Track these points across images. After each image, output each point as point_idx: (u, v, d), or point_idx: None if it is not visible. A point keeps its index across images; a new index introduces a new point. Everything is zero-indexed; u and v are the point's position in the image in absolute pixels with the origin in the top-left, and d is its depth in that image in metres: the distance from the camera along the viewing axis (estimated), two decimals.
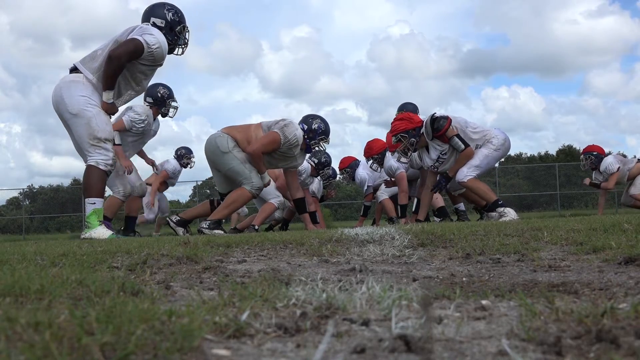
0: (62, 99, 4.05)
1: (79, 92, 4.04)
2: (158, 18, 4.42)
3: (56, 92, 4.11)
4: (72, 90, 4.04)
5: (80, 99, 4.03)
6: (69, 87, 4.06)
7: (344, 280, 1.29)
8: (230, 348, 0.71)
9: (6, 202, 29.26)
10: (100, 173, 4.07)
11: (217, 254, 2.11)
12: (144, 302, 0.91)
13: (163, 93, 5.67)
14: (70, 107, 4.03)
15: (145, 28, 4.18)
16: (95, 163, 4.05)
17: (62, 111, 4.11)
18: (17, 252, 2.24)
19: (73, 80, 4.09)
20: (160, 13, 4.45)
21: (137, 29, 4.16)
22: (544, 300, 0.94)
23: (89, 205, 4.09)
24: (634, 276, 1.26)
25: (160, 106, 5.67)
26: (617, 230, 2.27)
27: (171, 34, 4.41)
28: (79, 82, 4.08)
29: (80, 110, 4.02)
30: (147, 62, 4.18)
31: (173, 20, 4.46)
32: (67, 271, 1.38)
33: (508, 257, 1.77)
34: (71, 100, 4.03)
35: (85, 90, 4.06)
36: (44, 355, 0.59)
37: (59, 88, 4.09)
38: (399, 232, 2.77)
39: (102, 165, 4.07)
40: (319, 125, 5.42)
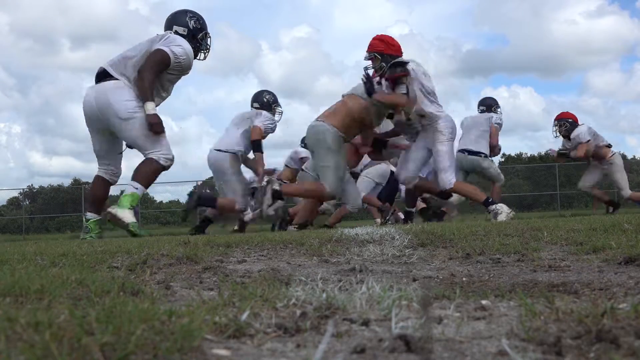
0: (110, 105, 4.15)
1: (125, 97, 4.16)
2: (181, 26, 4.52)
3: (101, 99, 4.18)
4: (118, 96, 4.16)
5: (127, 103, 4.16)
6: (114, 93, 4.17)
7: (344, 280, 1.29)
8: (230, 348, 0.71)
9: (6, 202, 29.28)
10: (157, 167, 4.22)
11: (217, 254, 2.11)
12: (144, 302, 0.91)
13: (268, 98, 5.99)
14: (121, 113, 4.14)
15: (172, 39, 4.27)
16: (157, 158, 4.21)
17: (109, 116, 4.19)
18: (17, 252, 2.24)
19: (117, 87, 4.20)
20: (183, 21, 4.55)
21: (163, 40, 4.25)
22: (544, 300, 0.94)
23: (131, 187, 4.19)
24: (634, 276, 1.26)
25: (266, 110, 5.93)
26: (617, 230, 2.26)
27: (193, 42, 4.50)
28: (123, 88, 4.20)
29: (130, 114, 4.15)
30: (174, 71, 4.31)
31: (195, 28, 4.56)
32: (67, 271, 1.37)
33: (508, 257, 1.77)
34: (120, 105, 4.14)
35: (130, 94, 4.19)
36: (44, 355, 0.59)
37: (104, 95, 4.17)
38: (399, 232, 2.77)
39: (163, 160, 4.24)
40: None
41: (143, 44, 4.32)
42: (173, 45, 4.20)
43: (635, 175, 29.08)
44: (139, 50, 4.29)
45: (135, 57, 4.25)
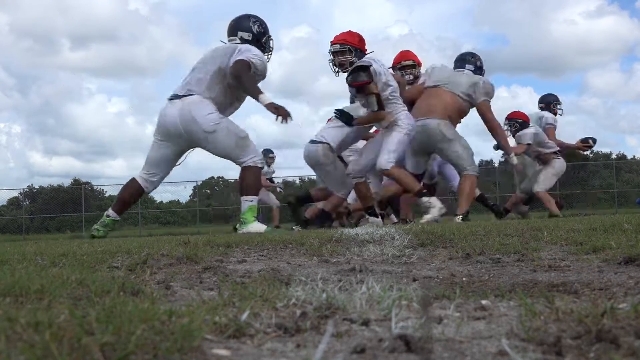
0: (195, 120, 4.23)
1: (208, 111, 4.25)
2: (245, 31, 4.57)
3: (185, 116, 4.26)
4: (201, 111, 4.24)
5: (210, 116, 4.24)
6: (197, 107, 4.25)
7: (344, 280, 1.29)
8: (230, 348, 0.71)
9: (6, 202, 29.30)
10: (256, 171, 4.33)
11: (217, 254, 2.11)
12: (144, 302, 0.91)
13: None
14: (206, 126, 4.23)
15: (245, 49, 4.30)
16: (253, 163, 4.30)
17: (194, 132, 4.28)
18: (17, 252, 2.24)
19: (199, 101, 4.28)
20: (247, 26, 4.59)
21: (237, 53, 4.27)
22: (544, 300, 0.94)
23: (245, 202, 4.28)
24: (634, 276, 1.26)
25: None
26: (617, 230, 2.27)
27: (258, 45, 4.53)
28: (204, 102, 4.28)
29: (215, 126, 4.24)
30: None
31: (259, 32, 4.61)
32: (67, 271, 1.37)
33: (508, 257, 1.77)
34: (204, 119, 4.23)
35: (211, 107, 4.28)
36: (44, 355, 0.59)
37: (187, 112, 4.25)
38: (399, 232, 2.77)
39: (259, 163, 4.35)
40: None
41: (210, 59, 4.38)
42: (249, 54, 4.26)
43: (635, 175, 29.09)
44: (208, 67, 4.36)
45: (208, 74, 4.33)
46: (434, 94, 5.38)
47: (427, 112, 5.29)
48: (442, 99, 5.34)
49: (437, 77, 5.47)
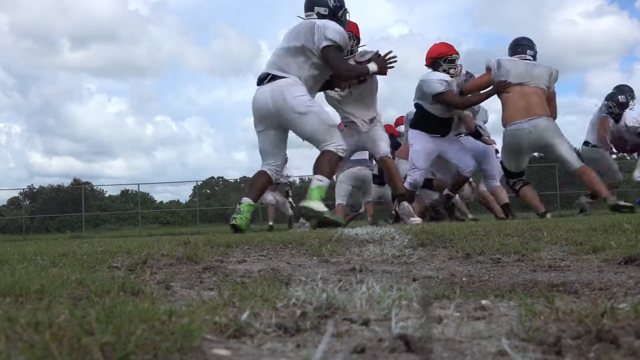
0: (286, 102, 4.27)
1: (299, 92, 4.28)
2: (322, 7, 4.56)
3: (277, 97, 4.31)
4: (293, 92, 4.28)
5: (302, 98, 4.27)
6: (289, 90, 4.29)
7: (344, 280, 1.29)
8: (230, 348, 0.71)
9: (6, 202, 29.31)
10: (336, 158, 4.34)
11: (217, 254, 2.11)
12: (144, 302, 0.91)
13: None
14: (298, 107, 4.26)
15: (324, 27, 4.31)
16: (335, 149, 4.30)
17: (285, 112, 4.31)
18: (17, 252, 2.24)
19: (290, 84, 4.31)
20: (324, 1, 4.57)
21: (318, 34, 4.30)
22: (544, 300, 0.94)
23: (316, 180, 4.30)
24: (634, 276, 1.26)
25: None
26: (617, 230, 2.26)
27: (334, 20, 4.53)
28: (296, 84, 4.32)
29: (307, 108, 4.27)
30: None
31: (335, 7, 4.59)
32: (67, 271, 1.37)
33: (508, 257, 1.77)
34: (295, 101, 4.26)
35: (303, 89, 4.32)
36: (44, 355, 0.59)
37: (280, 93, 4.29)
38: (399, 232, 2.77)
39: (341, 152, 4.35)
40: None
41: (293, 39, 4.39)
42: (329, 32, 4.29)
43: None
44: (293, 47, 4.38)
45: (293, 55, 4.37)
46: (526, 93, 5.29)
47: (529, 112, 5.23)
48: (536, 96, 5.28)
49: (516, 74, 5.35)
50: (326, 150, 4.31)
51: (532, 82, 5.27)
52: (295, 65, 4.34)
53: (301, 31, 4.37)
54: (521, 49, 5.54)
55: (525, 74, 5.29)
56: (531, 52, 5.50)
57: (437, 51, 5.54)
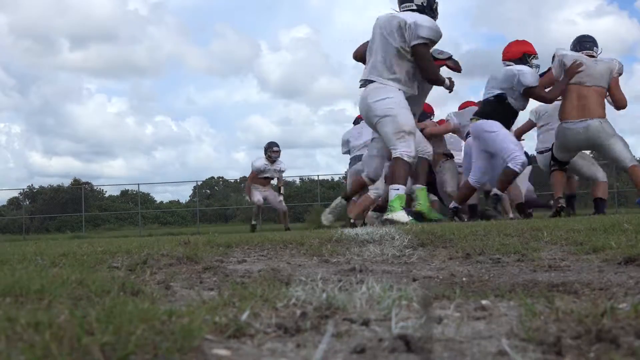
0: (369, 105, 4.48)
1: (382, 96, 4.44)
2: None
3: (363, 102, 4.55)
4: (375, 96, 4.46)
5: (385, 101, 4.43)
6: (373, 93, 4.49)
7: (344, 280, 1.29)
8: (230, 348, 0.71)
9: (6, 202, 29.33)
10: (403, 163, 4.44)
11: (217, 254, 2.11)
12: (144, 302, 0.91)
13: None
14: (377, 111, 4.44)
15: (414, 26, 4.35)
16: (400, 155, 4.41)
17: (370, 116, 4.53)
18: (17, 252, 2.24)
19: (376, 87, 4.49)
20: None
21: (409, 33, 4.34)
22: (544, 300, 0.94)
23: (392, 191, 4.41)
24: (634, 276, 1.26)
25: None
26: (617, 230, 2.26)
27: (430, 12, 4.58)
28: (382, 87, 4.47)
29: (386, 111, 4.42)
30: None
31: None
32: (67, 271, 1.37)
33: (508, 257, 1.77)
34: (377, 104, 4.44)
35: (388, 92, 4.46)
36: (44, 355, 0.59)
37: (365, 97, 4.52)
38: (399, 232, 2.77)
39: (406, 157, 4.44)
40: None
41: (384, 37, 4.44)
42: (423, 31, 4.34)
43: None
44: (386, 46, 4.45)
45: (387, 54, 4.46)
46: (583, 94, 5.29)
47: (583, 112, 5.26)
48: (592, 97, 5.30)
49: (581, 74, 5.35)
50: (394, 158, 4.46)
51: (591, 82, 5.27)
52: (387, 65, 4.46)
53: (393, 30, 4.43)
54: (588, 45, 5.57)
55: (584, 74, 5.27)
56: (597, 49, 5.52)
57: (526, 48, 5.56)
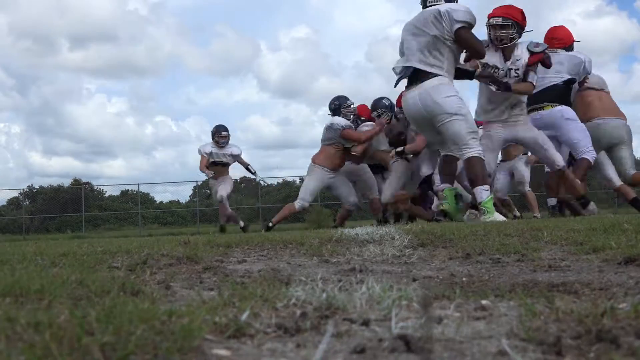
0: (436, 103, 4.37)
1: (449, 93, 4.38)
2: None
3: (425, 99, 4.41)
4: (442, 93, 4.37)
5: (453, 98, 4.37)
6: (437, 90, 4.38)
7: (344, 280, 1.29)
8: (230, 348, 0.71)
9: (6, 202, 29.32)
10: (479, 161, 4.44)
11: (217, 254, 2.11)
12: (144, 302, 0.91)
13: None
14: (448, 108, 4.35)
15: (450, 11, 4.33)
16: (478, 154, 4.39)
17: (436, 114, 4.41)
18: (17, 252, 2.24)
19: (438, 84, 4.39)
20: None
21: (443, 15, 4.32)
22: (544, 300, 0.94)
23: (482, 192, 4.36)
24: (634, 276, 1.26)
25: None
26: (617, 230, 2.26)
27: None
28: (443, 84, 4.39)
29: (456, 109, 4.36)
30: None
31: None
32: (67, 271, 1.38)
33: (508, 257, 1.77)
34: (445, 101, 4.35)
35: (451, 89, 4.42)
36: (44, 355, 0.59)
37: (428, 95, 4.39)
38: (399, 232, 2.77)
39: (477, 153, 4.45)
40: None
41: (424, 27, 4.41)
42: (458, 14, 4.32)
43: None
44: (428, 36, 4.41)
45: (429, 48, 4.43)
46: (602, 97, 5.59)
47: (610, 112, 5.42)
48: (610, 99, 5.58)
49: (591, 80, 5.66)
50: (470, 158, 4.42)
51: (600, 86, 5.65)
52: (432, 60, 4.43)
53: (428, 21, 4.41)
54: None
55: (595, 82, 5.58)
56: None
57: (572, 35, 5.61)
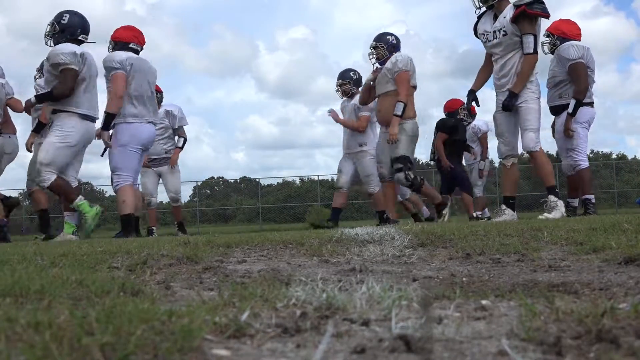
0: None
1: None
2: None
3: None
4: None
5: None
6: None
7: (344, 280, 1.29)
8: (230, 348, 0.71)
9: None
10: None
11: (217, 254, 2.11)
12: (144, 302, 0.91)
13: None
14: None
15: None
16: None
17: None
18: (17, 252, 2.24)
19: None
20: None
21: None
22: (544, 300, 0.94)
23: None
24: (634, 276, 1.26)
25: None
26: (617, 230, 2.26)
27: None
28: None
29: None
30: None
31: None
32: (67, 271, 1.38)
33: (508, 257, 1.77)
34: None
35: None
36: (44, 355, 0.59)
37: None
38: (399, 232, 2.77)
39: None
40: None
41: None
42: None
43: (635, 175, 29.10)
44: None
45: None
46: None
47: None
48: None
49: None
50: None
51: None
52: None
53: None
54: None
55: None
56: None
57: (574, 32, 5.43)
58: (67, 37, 4.84)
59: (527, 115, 4.53)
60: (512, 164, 4.70)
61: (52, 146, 4.67)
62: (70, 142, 4.72)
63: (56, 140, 4.68)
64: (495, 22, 4.60)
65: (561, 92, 5.09)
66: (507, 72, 4.59)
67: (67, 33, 4.85)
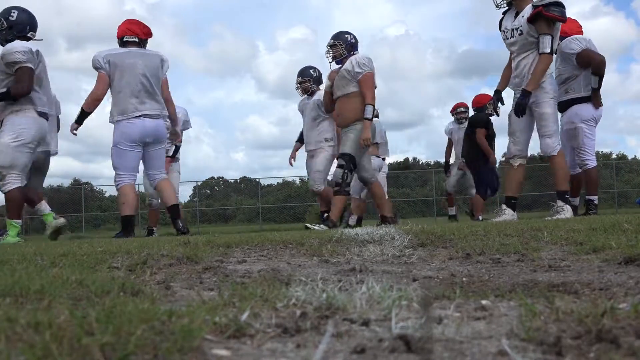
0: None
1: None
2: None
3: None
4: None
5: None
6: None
7: (344, 280, 1.29)
8: (230, 348, 0.71)
9: None
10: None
11: (217, 254, 2.11)
12: (144, 302, 0.91)
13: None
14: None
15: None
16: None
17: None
18: (17, 252, 2.24)
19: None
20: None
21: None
22: (544, 300, 0.94)
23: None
24: (634, 276, 1.26)
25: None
26: (617, 230, 2.26)
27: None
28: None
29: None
30: None
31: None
32: (67, 271, 1.38)
33: (508, 257, 1.77)
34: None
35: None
36: (44, 355, 0.59)
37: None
38: (399, 232, 2.77)
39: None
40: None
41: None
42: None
43: (635, 175, 29.08)
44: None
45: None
46: None
47: None
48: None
49: None
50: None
51: None
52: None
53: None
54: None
55: None
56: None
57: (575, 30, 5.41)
58: (15, 34, 4.71)
59: (543, 122, 4.57)
60: (519, 164, 4.69)
61: (7, 148, 4.57)
62: (25, 139, 4.63)
63: (10, 141, 4.58)
64: (515, 20, 4.61)
65: (567, 87, 5.05)
66: (520, 71, 4.61)
67: (15, 30, 4.73)
